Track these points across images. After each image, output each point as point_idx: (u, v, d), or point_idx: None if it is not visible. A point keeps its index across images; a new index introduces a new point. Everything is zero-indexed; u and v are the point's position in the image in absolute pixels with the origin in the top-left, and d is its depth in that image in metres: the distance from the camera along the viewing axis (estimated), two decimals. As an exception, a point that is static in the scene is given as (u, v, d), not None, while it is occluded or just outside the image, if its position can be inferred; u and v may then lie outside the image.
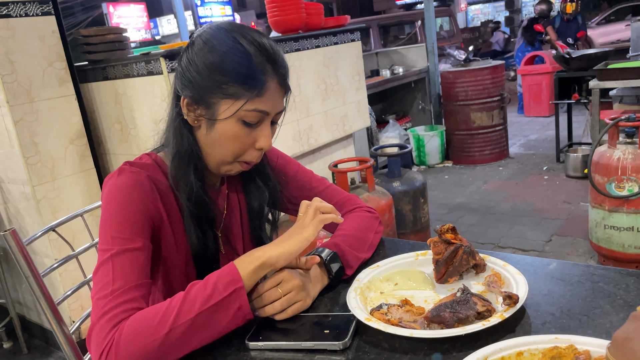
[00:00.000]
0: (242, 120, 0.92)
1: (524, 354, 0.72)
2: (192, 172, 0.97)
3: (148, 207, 0.93)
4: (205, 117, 0.94)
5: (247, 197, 1.13)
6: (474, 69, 5.03)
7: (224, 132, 0.93)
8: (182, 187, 0.97)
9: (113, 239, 0.87)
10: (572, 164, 4.42)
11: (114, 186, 0.92)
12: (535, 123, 6.69)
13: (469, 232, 3.64)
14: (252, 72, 0.90)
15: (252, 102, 0.91)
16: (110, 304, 0.82)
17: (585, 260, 3.02)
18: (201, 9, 11.46)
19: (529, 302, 0.86)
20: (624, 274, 0.90)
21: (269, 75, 0.92)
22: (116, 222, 0.89)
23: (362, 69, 3.31)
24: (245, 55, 0.91)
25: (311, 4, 2.99)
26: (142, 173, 0.94)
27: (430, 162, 5.39)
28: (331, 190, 1.21)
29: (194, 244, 1.00)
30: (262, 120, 0.94)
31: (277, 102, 0.95)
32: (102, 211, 0.92)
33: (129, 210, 0.90)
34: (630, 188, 2.64)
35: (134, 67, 2.31)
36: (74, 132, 2.43)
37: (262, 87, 0.91)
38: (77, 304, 2.46)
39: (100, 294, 0.83)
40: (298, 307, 0.94)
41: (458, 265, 0.95)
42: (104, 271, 0.85)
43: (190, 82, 0.93)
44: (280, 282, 0.94)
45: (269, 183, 1.12)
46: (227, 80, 0.90)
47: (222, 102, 0.91)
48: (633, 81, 3.33)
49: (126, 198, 0.91)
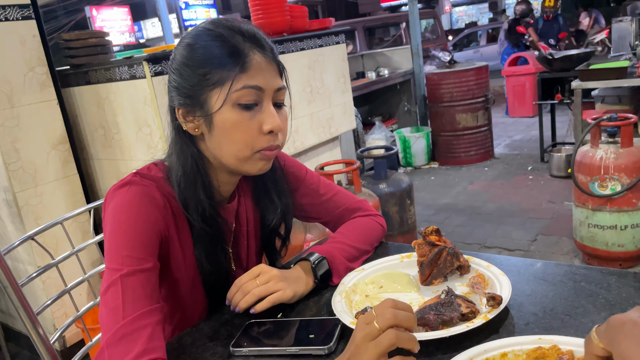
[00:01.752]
0: (238, 104, 0.87)
1: (508, 355, 0.72)
2: (200, 190, 0.92)
3: (158, 223, 0.89)
4: (202, 117, 0.89)
5: (260, 212, 1.09)
6: (459, 70, 5.07)
7: (224, 122, 0.88)
8: (192, 208, 0.92)
9: (123, 258, 0.83)
10: (556, 163, 4.47)
11: (124, 198, 0.87)
12: (520, 123, 6.75)
13: (456, 232, 3.67)
14: (228, 50, 0.86)
15: (238, 80, 0.85)
16: (123, 330, 0.77)
17: (570, 259, 3.06)
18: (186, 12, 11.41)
19: (512, 302, 0.86)
20: (606, 273, 0.91)
21: (248, 49, 0.87)
22: (127, 239, 0.84)
23: (347, 71, 3.31)
24: (217, 37, 0.88)
25: (295, 7, 2.99)
26: (153, 186, 0.90)
27: (417, 164, 5.41)
28: (341, 196, 1.17)
29: (205, 263, 0.97)
30: (260, 100, 0.88)
31: (269, 77, 0.88)
32: (109, 224, 0.86)
33: (141, 226, 0.86)
34: (613, 187, 2.67)
35: (116, 71, 2.29)
36: (56, 138, 2.40)
37: (245, 62, 0.86)
38: (61, 311, 2.43)
39: (110, 318, 0.79)
40: (277, 296, 0.93)
41: (442, 267, 0.95)
42: (113, 293, 0.80)
43: (178, 89, 0.90)
44: (259, 275, 0.94)
45: (284, 198, 1.08)
46: (207, 69, 0.87)
47: (211, 93, 0.87)
48: (614, 81, 3.38)
49: (138, 212, 0.86)
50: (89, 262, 2.41)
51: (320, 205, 1.15)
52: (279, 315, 0.94)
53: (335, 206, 1.16)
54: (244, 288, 0.93)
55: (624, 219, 2.71)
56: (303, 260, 1.02)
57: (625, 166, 2.63)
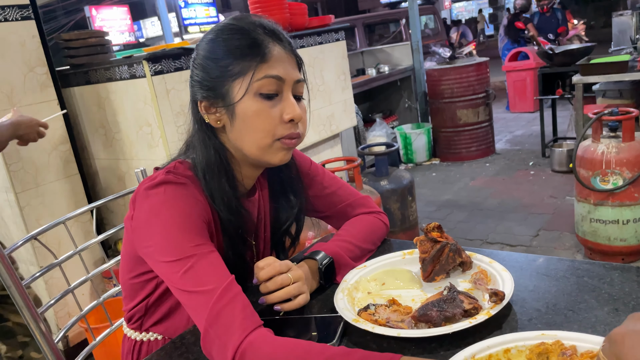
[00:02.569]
0: (259, 93, 0.89)
1: (511, 350, 0.72)
2: (225, 182, 0.94)
3: (202, 215, 0.90)
4: (224, 107, 0.91)
5: (275, 210, 1.10)
6: (459, 66, 5.05)
7: (246, 111, 0.90)
8: (218, 200, 0.93)
9: (186, 249, 0.83)
10: (557, 158, 4.46)
11: (165, 197, 0.87)
12: (521, 119, 6.74)
13: (457, 228, 3.66)
14: (249, 42, 0.89)
15: (259, 70, 0.88)
16: (216, 308, 0.79)
17: (572, 254, 3.05)
18: (185, 11, 11.41)
19: (515, 298, 0.86)
20: (609, 268, 0.91)
21: (268, 41, 0.90)
22: (183, 232, 0.85)
23: (347, 69, 3.31)
24: (238, 30, 0.90)
25: (295, 4, 2.99)
26: (188, 182, 0.91)
27: (418, 160, 5.41)
28: (344, 190, 1.17)
29: (231, 253, 0.98)
30: (280, 90, 0.90)
31: (289, 68, 0.91)
32: (157, 221, 0.86)
33: (192, 219, 0.87)
34: (614, 181, 2.66)
35: (116, 71, 2.29)
36: (56, 138, 2.40)
37: (265, 52, 0.88)
38: (64, 311, 2.43)
39: (199, 301, 0.80)
40: (304, 298, 0.94)
41: (444, 263, 0.95)
42: (190, 279, 0.82)
43: (200, 83, 0.93)
44: (290, 269, 0.94)
45: (300, 197, 1.09)
46: (229, 60, 0.89)
47: (233, 84, 0.89)
48: (615, 75, 3.37)
49: (186, 206, 0.87)
50: (91, 262, 2.41)
51: (324, 198, 1.15)
52: (280, 314, 0.94)
53: (338, 200, 1.15)
54: (277, 280, 0.93)
55: (626, 213, 2.70)
56: (309, 258, 1.02)
57: (627, 160, 2.62)
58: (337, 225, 1.17)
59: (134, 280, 0.97)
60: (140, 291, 0.99)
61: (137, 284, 0.98)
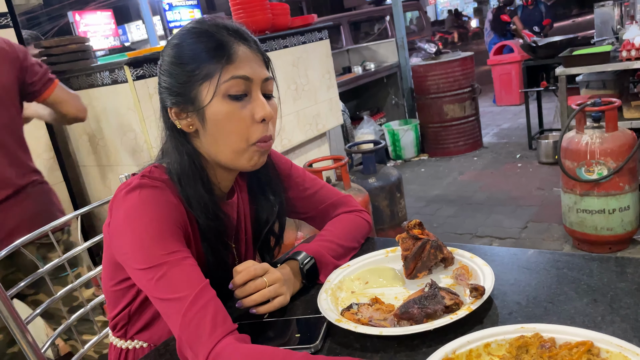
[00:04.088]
0: (228, 95, 0.88)
1: (491, 345, 0.73)
2: (200, 187, 0.93)
3: (178, 219, 0.89)
4: (194, 112, 0.90)
5: (255, 210, 1.10)
6: (444, 61, 5.07)
7: (216, 115, 0.89)
8: (195, 205, 0.92)
9: (160, 256, 0.83)
10: (543, 150, 4.49)
11: (139, 200, 0.87)
12: (507, 112, 6.78)
13: (447, 223, 3.68)
14: (214, 44, 0.88)
15: (226, 71, 0.88)
16: (189, 315, 0.78)
17: (560, 244, 3.08)
18: (170, 13, 11.34)
19: (496, 292, 0.86)
20: (588, 259, 0.91)
21: (233, 41, 0.89)
22: (156, 238, 0.84)
23: (332, 67, 3.31)
24: (202, 33, 0.90)
25: (277, 4, 2.98)
26: (164, 185, 0.91)
27: (406, 156, 5.42)
28: (325, 191, 1.18)
29: (211, 257, 0.97)
30: (249, 90, 0.90)
31: (256, 67, 0.91)
32: (131, 228, 0.86)
33: (166, 225, 0.86)
34: (599, 171, 2.69)
35: (98, 77, 2.27)
36: (40, 146, 2.38)
37: (230, 53, 0.88)
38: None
39: (172, 308, 0.80)
40: (281, 300, 0.94)
41: (426, 260, 0.96)
42: (163, 287, 0.81)
43: (169, 89, 0.92)
44: (266, 272, 0.94)
45: (278, 197, 1.09)
46: (194, 64, 0.89)
47: (201, 88, 0.89)
48: (598, 66, 3.39)
49: (158, 211, 0.87)
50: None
51: (305, 199, 1.16)
52: (265, 316, 0.94)
53: (320, 201, 1.16)
54: (252, 285, 0.93)
55: (612, 202, 2.73)
56: (290, 259, 1.02)
57: (611, 150, 2.65)
58: (319, 225, 1.17)
59: (116, 287, 0.97)
60: (123, 298, 0.98)
61: (119, 292, 0.98)
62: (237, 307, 0.94)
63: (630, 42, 3.13)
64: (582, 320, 0.76)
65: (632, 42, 3.11)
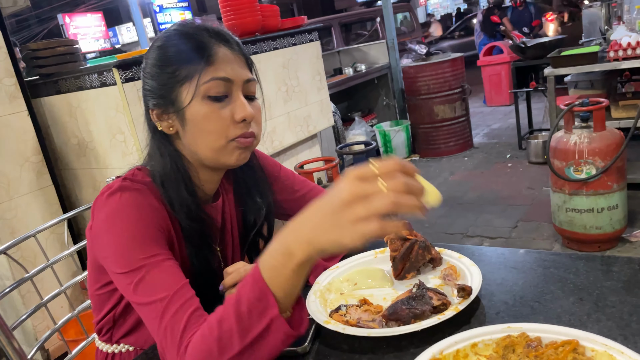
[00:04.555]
0: (207, 96, 0.88)
1: (478, 345, 0.73)
2: (183, 189, 0.93)
3: (160, 222, 0.89)
4: (175, 113, 0.90)
5: (242, 212, 1.09)
6: (434, 62, 5.09)
7: (195, 115, 0.89)
8: (177, 207, 0.92)
9: (139, 260, 0.82)
10: (533, 150, 4.52)
11: (120, 204, 0.86)
12: (497, 112, 6.82)
13: (438, 223, 3.69)
14: (194, 45, 0.89)
15: (206, 73, 0.88)
16: (165, 319, 0.77)
17: (550, 243, 3.10)
18: (160, 15, 11.30)
19: (483, 292, 0.87)
20: (574, 258, 0.92)
21: (214, 43, 0.89)
22: (137, 241, 0.83)
23: (322, 69, 3.31)
24: (183, 35, 0.91)
25: (267, 6, 2.98)
26: (145, 188, 0.90)
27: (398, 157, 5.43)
28: (315, 193, 1.18)
29: (195, 261, 0.96)
30: (229, 92, 0.90)
31: (237, 68, 0.90)
32: (111, 231, 0.85)
33: (146, 228, 0.85)
34: (588, 171, 2.71)
35: (86, 79, 2.26)
36: (28, 149, 2.36)
37: (210, 55, 0.88)
38: (43, 325, 2.39)
39: (151, 313, 0.79)
40: None
41: (414, 260, 0.96)
42: (144, 289, 0.80)
43: (150, 90, 0.92)
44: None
45: (265, 198, 1.08)
46: (175, 66, 0.89)
47: (181, 89, 0.89)
48: (586, 67, 3.42)
49: (139, 214, 0.86)
50: (68, 273, 2.38)
51: (295, 201, 1.16)
52: (254, 318, 0.94)
53: (309, 203, 1.15)
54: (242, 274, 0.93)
55: (600, 201, 2.75)
56: None
57: (599, 150, 2.67)
58: None
59: (100, 291, 0.96)
60: (107, 302, 0.98)
61: (103, 295, 0.97)
62: None
63: (618, 42, 3.16)
64: (568, 319, 0.76)
65: (620, 43, 3.14)
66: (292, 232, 0.69)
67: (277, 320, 0.70)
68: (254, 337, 0.70)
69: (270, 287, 0.70)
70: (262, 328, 0.70)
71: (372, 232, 0.61)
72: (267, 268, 0.71)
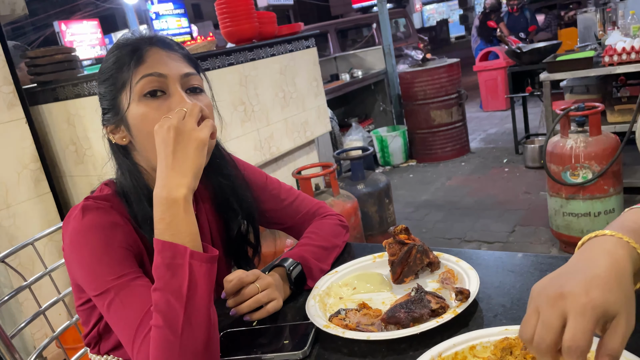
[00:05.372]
0: (143, 95, 0.87)
1: (476, 347, 0.74)
2: (145, 203, 0.90)
3: (126, 239, 0.88)
4: (121, 122, 0.90)
5: (224, 221, 1.08)
6: (431, 68, 5.12)
7: (135, 118, 0.88)
8: (143, 223, 0.90)
9: (106, 282, 0.82)
10: (530, 155, 4.54)
11: (83, 225, 0.85)
12: (494, 117, 6.85)
13: (436, 228, 3.70)
14: (127, 51, 0.89)
15: (137, 72, 0.87)
16: (139, 337, 0.77)
17: (547, 248, 3.11)
18: (157, 22, 11.32)
19: (481, 295, 0.88)
20: (571, 261, 0.93)
21: (146, 44, 0.89)
22: (104, 265, 0.83)
23: (319, 75, 3.33)
24: (117, 46, 0.92)
25: (263, 13, 3.00)
26: (108, 206, 0.89)
27: (395, 162, 5.45)
28: (301, 200, 1.19)
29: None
30: (165, 87, 0.87)
31: (171, 63, 0.89)
32: (78, 255, 0.85)
33: (111, 249, 0.85)
34: (584, 175, 2.73)
35: (84, 87, 2.27)
36: (26, 157, 2.36)
37: (140, 55, 0.88)
38: (41, 332, 2.39)
39: (124, 333, 0.79)
40: (274, 305, 0.95)
41: (413, 264, 0.97)
42: (115, 312, 0.80)
43: (103, 109, 0.93)
44: (258, 278, 0.94)
45: (245, 205, 1.07)
46: (112, 77, 0.90)
47: (121, 97, 0.89)
48: (581, 72, 3.45)
49: (104, 235, 0.85)
50: (67, 281, 2.36)
51: (282, 210, 1.17)
52: (254, 323, 0.95)
53: (296, 211, 1.18)
54: (245, 292, 0.93)
55: (597, 205, 2.77)
56: (277, 266, 1.03)
57: (595, 154, 2.69)
58: (297, 235, 1.18)
59: (82, 307, 0.95)
60: (90, 317, 0.96)
61: (86, 311, 0.96)
62: (231, 316, 0.94)
63: (613, 47, 3.18)
64: (565, 321, 0.77)
65: (614, 48, 3.17)
66: (159, 187, 0.79)
67: (194, 254, 0.77)
68: (186, 287, 0.75)
69: (172, 241, 0.77)
70: (188, 274, 0.75)
71: None
72: (160, 231, 0.78)
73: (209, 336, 0.77)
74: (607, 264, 0.54)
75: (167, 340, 0.73)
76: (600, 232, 0.60)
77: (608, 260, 0.55)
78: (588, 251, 0.58)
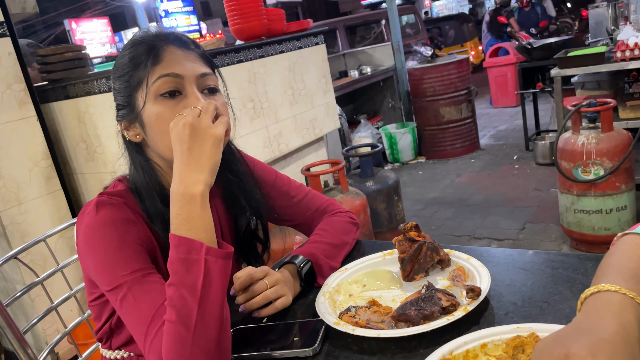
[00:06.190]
0: (159, 95, 0.88)
1: (487, 345, 0.73)
2: (157, 199, 0.92)
3: (139, 235, 0.88)
4: (136, 120, 0.91)
5: (234, 217, 1.08)
6: (440, 64, 5.09)
7: (150, 117, 0.89)
8: (155, 219, 0.91)
9: (119, 277, 0.82)
10: (540, 151, 4.51)
11: (96, 221, 0.86)
12: (504, 114, 6.80)
13: (445, 225, 3.68)
14: (144, 49, 0.89)
15: (153, 72, 0.88)
16: (150, 335, 0.78)
17: (558, 245, 3.08)
18: (166, 20, 11.34)
19: (492, 293, 0.87)
20: (583, 258, 0.92)
21: (162, 43, 0.90)
22: (117, 260, 0.83)
23: (328, 72, 3.32)
24: (133, 43, 0.92)
25: (272, 10, 2.99)
26: (122, 202, 0.90)
27: (404, 159, 5.43)
28: (311, 197, 1.19)
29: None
30: (181, 87, 0.88)
31: (187, 64, 0.89)
32: (91, 251, 0.86)
33: (125, 244, 0.85)
34: (596, 172, 2.70)
35: (94, 84, 2.28)
36: (37, 154, 2.38)
37: (157, 54, 0.88)
38: (52, 328, 2.41)
39: (135, 329, 0.80)
40: (283, 301, 0.95)
41: (423, 262, 0.96)
42: (127, 306, 0.81)
43: (116, 104, 0.94)
44: (267, 275, 0.95)
45: (253, 201, 1.07)
46: (128, 74, 0.90)
47: (137, 95, 0.90)
48: (593, 67, 3.41)
49: (117, 231, 0.86)
50: (78, 277, 2.39)
51: (291, 207, 1.17)
52: (264, 320, 0.95)
53: (306, 208, 1.18)
54: (254, 289, 0.94)
55: (609, 202, 2.74)
56: (287, 263, 1.03)
57: (607, 150, 2.66)
58: (307, 232, 1.18)
59: (95, 302, 0.96)
60: (103, 313, 0.97)
61: (98, 306, 0.96)
62: (240, 312, 0.94)
63: (625, 42, 3.15)
64: (577, 320, 0.76)
65: (627, 43, 3.13)
66: (176, 183, 0.80)
67: (209, 250, 0.77)
68: (201, 283, 0.75)
69: (188, 237, 0.78)
70: (203, 269, 0.76)
71: None
72: (177, 226, 0.79)
73: (222, 332, 0.77)
74: (614, 328, 0.53)
75: (179, 335, 0.74)
76: (602, 287, 0.59)
77: (615, 324, 0.54)
78: (594, 312, 0.57)
